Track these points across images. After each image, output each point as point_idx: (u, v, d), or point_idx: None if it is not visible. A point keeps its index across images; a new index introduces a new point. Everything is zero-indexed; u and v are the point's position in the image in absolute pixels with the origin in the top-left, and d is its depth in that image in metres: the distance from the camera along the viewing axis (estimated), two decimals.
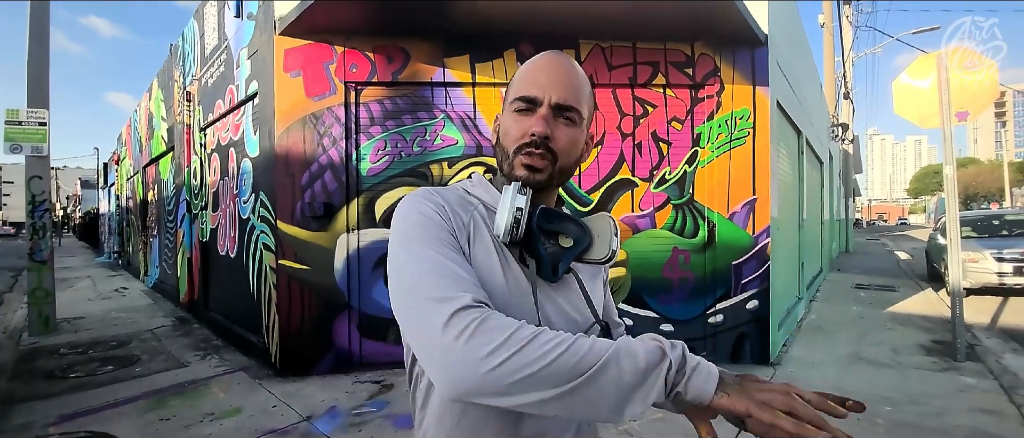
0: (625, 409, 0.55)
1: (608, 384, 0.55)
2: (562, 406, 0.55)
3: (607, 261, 0.72)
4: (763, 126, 3.85)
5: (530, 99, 0.71)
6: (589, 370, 0.54)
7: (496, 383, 0.54)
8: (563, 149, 0.72)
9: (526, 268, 0.71)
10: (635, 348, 0.57)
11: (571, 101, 0.71)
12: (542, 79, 0.71)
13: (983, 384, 3.46)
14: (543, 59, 0.74)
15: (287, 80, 3.67)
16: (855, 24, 16.04)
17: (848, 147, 14.87)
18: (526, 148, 0.70)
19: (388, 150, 3.77)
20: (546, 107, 0.70)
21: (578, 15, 3.49)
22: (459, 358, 0.55)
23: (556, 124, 0.71)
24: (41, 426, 2.90)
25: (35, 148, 5.33)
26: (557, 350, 0.55)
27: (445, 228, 0.68)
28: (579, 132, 0.74)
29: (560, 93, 0.70)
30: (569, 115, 0.71)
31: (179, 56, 6.56)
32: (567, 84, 0.71)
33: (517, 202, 0.66)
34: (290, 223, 3.67)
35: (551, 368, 0.54)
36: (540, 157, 0.70)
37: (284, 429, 2.81)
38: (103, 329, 5.40)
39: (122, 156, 12.43)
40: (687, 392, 0.56)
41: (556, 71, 0.72)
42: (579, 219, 0.74)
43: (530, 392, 0.54)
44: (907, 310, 6.11)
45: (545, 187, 0.74)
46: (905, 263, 11.96)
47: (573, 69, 0.73)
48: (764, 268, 3.83)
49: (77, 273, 11.37)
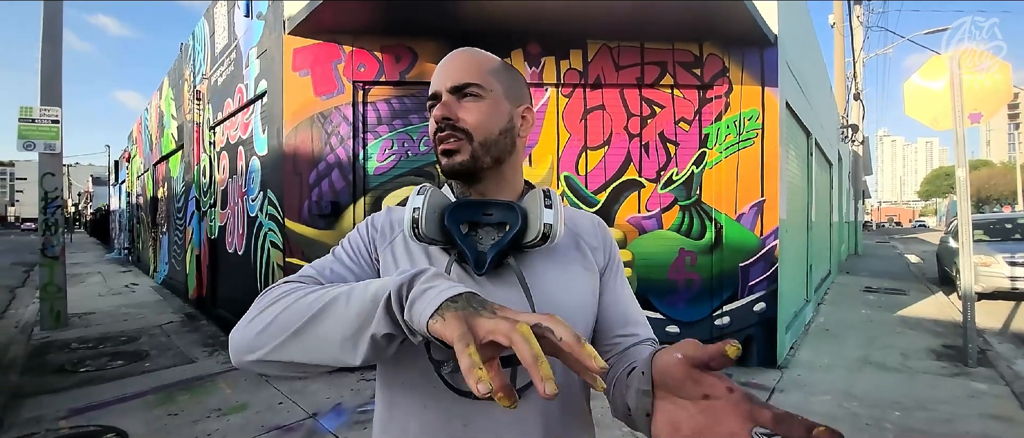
0: (358, 347, 0.50)
1: (335, 320, 0.52)
2: (298, 349, 0.54)
3: (539, 243, 0.65)
4: (772, 127, 3.83)
5: (432, 96, 0.72)
6: (317, 309, 0.53)
7: (246, 339, 0.57)
8: (474, 123, 0.69)
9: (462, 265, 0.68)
10: (375, 285, 0.52)
11: (466, 79, 0.70)
12: (440, 73, 0.72)
13: (994, 390, 3.42)
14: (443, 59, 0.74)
15: (296, 79, 3.69)
16: (866, 24, 15.86)
17: (858, 148, 14.72)
18: (438, 136, 0.70)
19: (395, 149, 3.78)
20: (445, 93, 0.70)
21: (585, 15, 3.48)
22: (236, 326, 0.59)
23: (459, 105, 0.70)
24: (51, 420, 2.94)
25: (48, 145, 5.40)
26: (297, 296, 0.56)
27: (365, 236, 0.75)
28: (490, 104, 0.71)
29: (453, 77, 0.70)
30: (469, 91, 0.70)
31: (189, 55, 6.62)
32: (458, 68, 0.71)
33: (414, 203, 0.67)
34: (298, 221, 3.69)
35: (286, 313, 0.55)
36: (452, 139, 0.69)
37: (290, 426, 2.83)
38: (113, 324, 5.46)
39: (133, 154, 12.57)
40: (412, 320, 0.47)
41: (448, 62, 0.72)
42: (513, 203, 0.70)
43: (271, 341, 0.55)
44: (917, 314, 6.04)
45: (476, 169, 0.70)
46: (915, 266, 11.83)
47: (465, 54, 0.73)
48: (772, 270, 3.80)
49: (88, 269, 11.52)
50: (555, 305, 0.68)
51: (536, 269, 0.70)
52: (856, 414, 3.01)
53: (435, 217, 0.67)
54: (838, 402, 3.20)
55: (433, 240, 0.67)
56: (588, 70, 3.77)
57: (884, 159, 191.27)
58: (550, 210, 0.66)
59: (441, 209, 0.69)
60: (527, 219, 0.68)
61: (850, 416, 2.98)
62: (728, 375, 0.45)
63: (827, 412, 3.03)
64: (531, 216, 0.68)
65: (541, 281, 0.69)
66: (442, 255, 0.70)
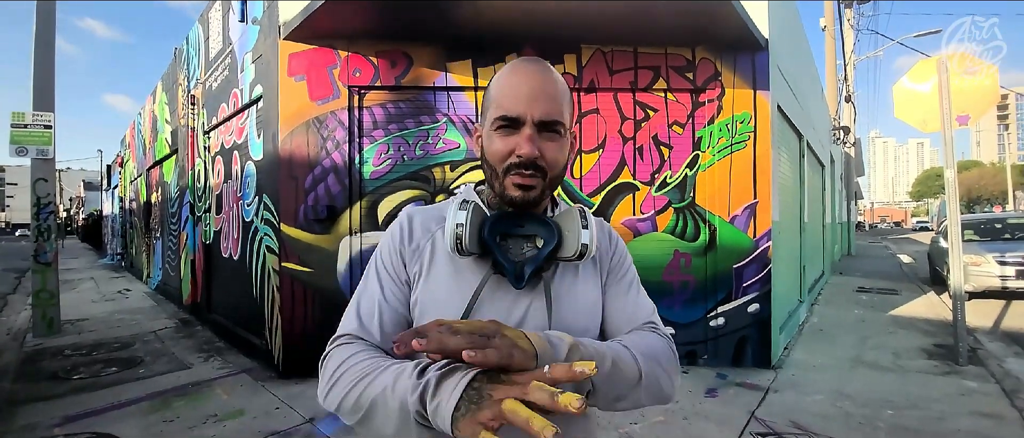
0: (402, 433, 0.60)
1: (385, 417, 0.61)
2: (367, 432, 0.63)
3: (578, 257, 0.69)
4: (764, 130, 3.87)
5: (512, 119, 0.68)
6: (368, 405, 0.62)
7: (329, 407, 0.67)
8: (552, 163, 0.71)
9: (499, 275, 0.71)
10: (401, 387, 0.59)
11: (554, 115, 0.69)
12: (522, 94, 0.68)
13: (985, 388, 3.46)
14: (520, 71, 0.70)
15: (291, 84, 3.69)
16: (856, 27, 16.04)
17: (850, 150, 14.86)
18: (515, 169, 0.69)
19: (391, 154, 3.79)
20: (530, 126, 0.68)
21: (579, 19, 3.51)
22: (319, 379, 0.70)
23: (541, 141, 0.69)
24: (46, 427, 2.92)
25: (40, 151, 5.37)
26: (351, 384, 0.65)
27: (396, 252, 0.77)
28: (565, 141, 0.73)
29: (542, 108, 0.68)
30: (554, 129, 0.70)
31: (183, 60, 6.60)
32: (548, 96, 0.69)
33: (457, 219, 0.67)
34: (293, 226, 3.69)
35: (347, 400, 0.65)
36: (531, 176, 0.69)
37: (287, 431, 2.82)
38: (107, 331, 5.43)
39: (126, 159, 12.49)
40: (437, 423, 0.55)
41: (535, 84, 0.69)
42: (548, 219, 0.72)
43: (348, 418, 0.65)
44: (909, 313, 6.10)
45: (541, 200, 0.73)
46: (907, 266, 11.94)
47: (551, 78, 0.71)
48: (765, 271, 3.84)
49: (80, 275, 11.42)
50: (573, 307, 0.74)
51: (559, 274, 0.75)
52: (849, 413, 3.04)
53: (475, 231, 0.69)
54: (831, 401, 3.23)
55: (471, 253, 0.69)
56: (582, 74, 3.80)
57: (876, 160, 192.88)
58: (587, 230, 0.69)
59: (479, 223, 0.70)
60: (562, 235, 0.71)
61: (843, 415, 3.01)
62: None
63: (821, 411, 3.07)
64: (567, 233, 0.71)
65: (560, 285, 0.74)
66: (478, 265, 0.72)
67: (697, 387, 3.40)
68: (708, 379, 3.57)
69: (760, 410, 3.07)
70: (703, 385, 3.45)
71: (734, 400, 3.21)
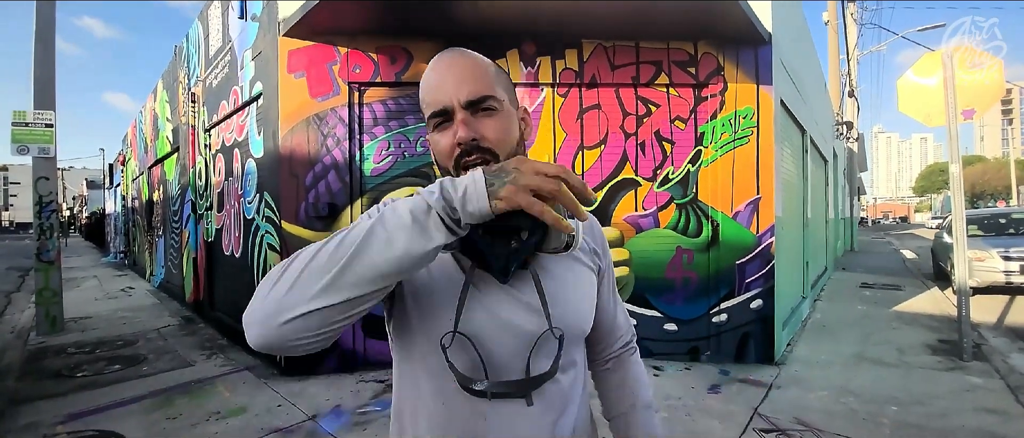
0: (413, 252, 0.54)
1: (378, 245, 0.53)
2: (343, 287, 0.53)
3: (565, 249, 0.66)
4: (767, 125, 3.84)
5: (441, 111, 0.68)
6: (354, 245, 0.53)
7: (273, 303, 0.53)
8: (496, 141, 0.68)
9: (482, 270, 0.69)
10: (399, 207, 0.56)
11: (482, 91, 0.68)
12: (446, 83, 0.68)
13: (989, 384, 3.44)
14: (437, 64, 0.70)
15: (291, 81, 3.68)
16: (860, 22, 15.95)
17: (853, 145, 14.80)
18: (463, 159, 0.67)
19: (392, 150, 3.78)
20: (460, 110, 0.67)
21: (581, 14, 3.48)
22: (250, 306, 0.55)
23: (478, 121, 0.67)
24: (49, 425, 2.93)
25: (42, 149, 5.37)
26: (320, 246, 0.55)
27: None
28: (504, 116, 0.70)
29: (467, 89, 0.67)
30: (486, 105, 0.68)
31: (183, 58, 6.60)
32: (470, 77, 0.68)
33: None
34: (294, 223, 3.68)
35: (316, 261, 0.53)
36: (479, 160, 0.67)
37: (289, 428, 2.82)
38: (110, 329, 5.44)
39: (128, 157, 12.51)
40: (472, 216, 0.55)
41: (454, 70, 0.68)
42: None
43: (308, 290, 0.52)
44: (913, 309, 6.07)
45: None
46: (911, 262, 11.90)
47: (470, 59, 0.70)
48: (768, 267, 3.82)
49: (83, 273, 11.45)
50: (566, 302, 0.73)
51: (547, 269, 0.74)
52: (853, 409, 3.03)
53: None
54: (835, 397, 3.22)
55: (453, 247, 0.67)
56: (584, 70, 3.78)
57: (879, 155, 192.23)
58: (573, 219, 0.67)
59: None
60: (547, 227, 0.67)
61: (847, 411, 3.00)
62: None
63: (824, 407, 3.05)
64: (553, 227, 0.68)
65: (551, 279, 0.73)
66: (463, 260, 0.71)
67: (700, 384, 3.39)
68: (711, 375, 3.56)
69: (763, 406, 3.06)
70: (706, 382, 3.44)
71: (737, 396, 3.20)
